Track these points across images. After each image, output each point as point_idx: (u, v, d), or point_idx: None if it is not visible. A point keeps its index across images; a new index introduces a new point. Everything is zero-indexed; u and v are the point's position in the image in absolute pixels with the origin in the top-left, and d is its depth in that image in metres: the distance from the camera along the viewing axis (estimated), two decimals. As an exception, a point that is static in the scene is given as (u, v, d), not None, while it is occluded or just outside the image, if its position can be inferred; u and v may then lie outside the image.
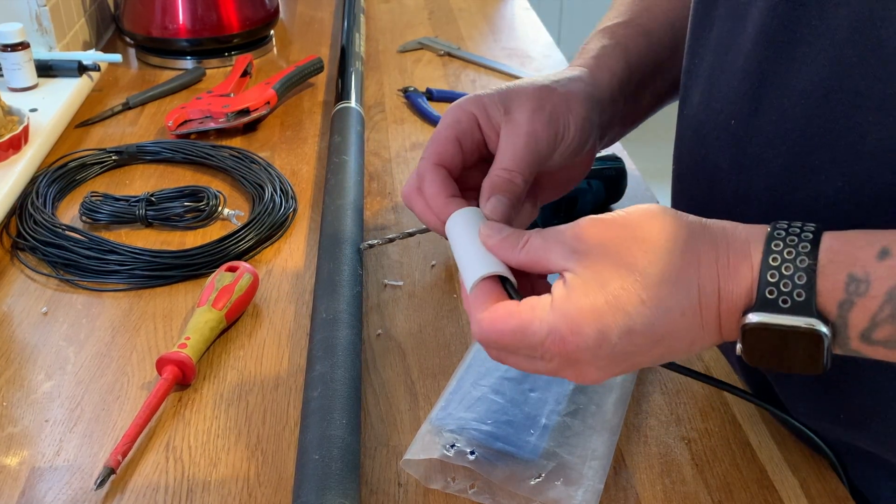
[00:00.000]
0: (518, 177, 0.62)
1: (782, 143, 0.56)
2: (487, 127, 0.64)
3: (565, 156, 0.65)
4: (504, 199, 0.61)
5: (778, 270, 0.48)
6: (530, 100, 0.64)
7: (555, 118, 0.63)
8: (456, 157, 0.65)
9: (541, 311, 0.51)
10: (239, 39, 1.39)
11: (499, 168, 0.62)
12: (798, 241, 0.48)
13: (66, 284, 0.86)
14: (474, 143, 0.65)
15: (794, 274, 0.47)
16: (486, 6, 1.69)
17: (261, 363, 0.76)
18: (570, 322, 0.50)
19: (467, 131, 0.64)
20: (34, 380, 0.74)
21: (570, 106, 0.65)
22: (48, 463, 0.66)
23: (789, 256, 0.47)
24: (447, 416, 0.65)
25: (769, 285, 0.48)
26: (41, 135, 1.07)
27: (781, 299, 0.47)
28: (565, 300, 0.50)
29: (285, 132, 1.17)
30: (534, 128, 0.63)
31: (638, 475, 0.65)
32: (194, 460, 0.66)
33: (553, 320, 0.50)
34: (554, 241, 0.53)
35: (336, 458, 0.61)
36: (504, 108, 0.64)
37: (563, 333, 0.50)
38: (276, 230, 0.94)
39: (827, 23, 0.52)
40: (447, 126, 0.65)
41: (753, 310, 0.48)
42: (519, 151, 0.62)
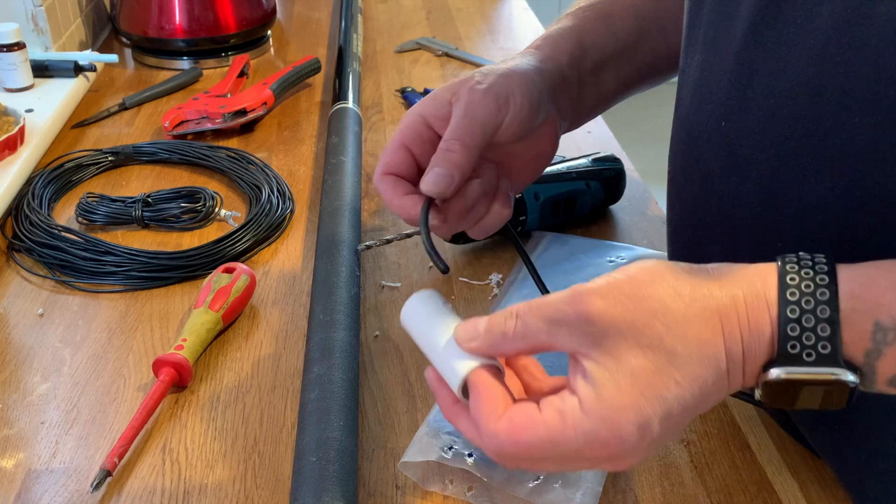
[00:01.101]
0: (455, 144, 0.64)
1: (771, 144, 0.55)
2: (438, 120, 0.67)
3: (515, 126, 0.67)
4: (439, 170, 0.63)
5: (798, 323, 0.46)
6: (470, 80, 0.67)
7: (494, 90, 0.66)
8: (405, 162, 0.68)
9: (572, 417, 0.47)
10: (236, 40, 1.39)
11: (441, 142, 0.65)
12: (814, 286, 0.46)
13: (62, 286, 0.85)
14: (425, 143, 0.68)
15: (817, 325, 0.45)
16: (484, 6, 1.69)
17: (258, 365, 0.75)
18: (610, 425, 0.46)
19: (416, 135, 0.68)
20: (30, 382, 0.73)
21: (510, 78, 0.67)
22: (44, 465, 0.65)
23: (808, 306, 0.45)
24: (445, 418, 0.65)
25: (790, 339, 0.46)
26: (37, 135, 1.06)
27: (805, 353, 0.45)
28: (598, 401, 0.46)
29: (282, 133, 1.16)
30: (471, 98, 0.65)
31: (636, 477, 0.65)
32: (191, 462, 0.66)
33: (590, 427, 0.46)
34: (557, 324, 0.49)
35: (333, 460, 0.60)
36: (452, 93, 0.67)
37: (604, 439, 0.47)
38: (274, 231, 0.93)
39: (812, 20, 0.51)
40: (396, 135, 0.68)
41: (776, 364, 0.46)
42: (456, 121, 0.65)
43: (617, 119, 0.76)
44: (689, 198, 0.65)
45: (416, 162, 0.68)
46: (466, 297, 0.84)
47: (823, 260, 0.47)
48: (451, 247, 0.91)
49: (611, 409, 0.46)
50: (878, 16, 0.48)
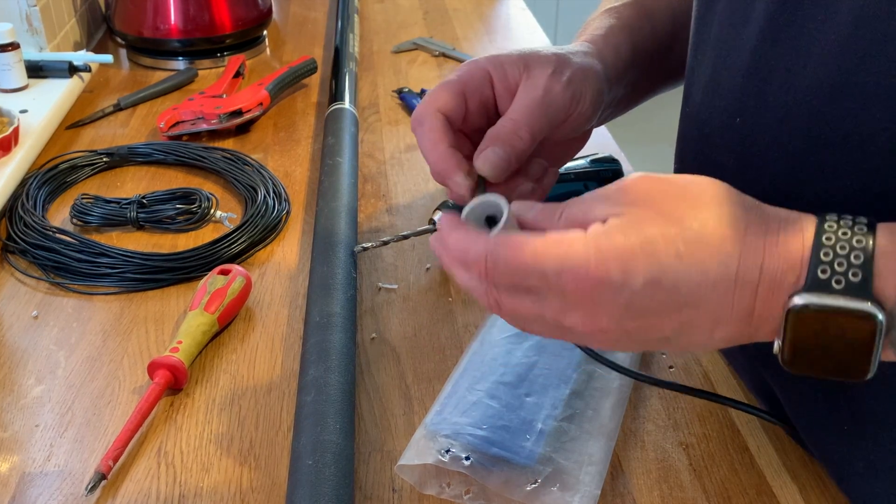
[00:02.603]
0: (525, 130, 0.60)
1: (788, 141, 0.55)
2: (502, 86, 0.62)
3: (575, 126, 0.64)
4: (500, 152, 0.59)
5: (832, 249, 0.45)
6: (551, 62, 0.62)
7: (573, 84, 0.62)
8: (458, 109, 0.62)
9: (568, 241, 0.48)
10: (231, 40, 1.38)
11: (507, 117, 0.60)
12: (853, 223, 0.45)
13: (56, 288, 0.85)
14: (482, 101, 0.63)
15: (850, 253, 0.44)
16: (482, 6, 1.69)
17: (254, 367, 0.75)
18: (599, 254, 0.47)
19: (476, 88, 0.62)
20: (24, 384, 0.73)
21: (586, 76, 0.64)
22: (38, 468, 0.65)
23: (844, 236, 0.45)
24: (442, 420, 0.65)
25: (822, 264, 0.44)
26: (31, 136, 1.06)
27: (835, 279, 0.44)
28: (599, 234, 0.47)
29: (278, 134, 1.16)
30: (552, 86, 0.61)
31: (635, 481, 0.64)
32: (186, 466, 0.65)
33: (580, 251, 0.47)
34: (596, 199, 0.50)
35: (330, 463, 0.60)
36: (524, 65, 0.62)
37: (588, 264, 0.47)
38: (269, 233, 0.93)
39: (832, 17, 0.51)
40: (455, 78, 0.62)
41: (802, 291, 0.45)
42: (533, 105, 0.60)
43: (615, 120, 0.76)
44: None
45: (466, 115, 0.63)
46: (464, 298, 0.83)
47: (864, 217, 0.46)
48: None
49: (607, 242, 0.47)
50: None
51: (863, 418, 0.59)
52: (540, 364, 0.70)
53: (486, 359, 0.71)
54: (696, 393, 0.67)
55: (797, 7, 0.53)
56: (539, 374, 0.69)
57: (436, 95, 0.62)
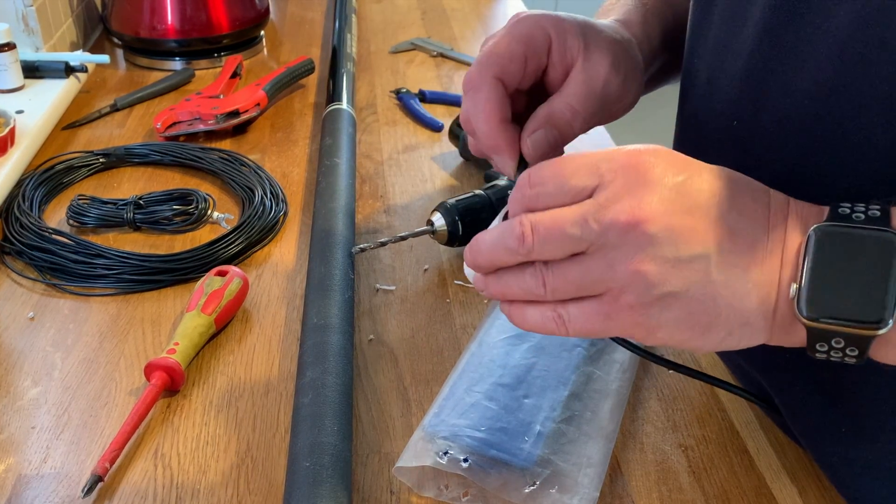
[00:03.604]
0: (580, 120, 0.58)
1: (786, 144, 0.55)
2: (558, 55, 0.59)
3: (614, 117, 0.63)
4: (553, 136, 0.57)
5: (851, 200, 0.47)
6: (610, 50, 0.60)
7: (628, 79, 0.61)
8: (518, 75, 0.59)
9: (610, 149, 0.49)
10: (228, 40, 1.38)
11: (565, 102, 0.58)
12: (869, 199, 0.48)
13: (52, 289, 0.85)
14: (537, 66, 0.60)
15: (869, 203, 0.47)
16: (480, 6, 1.68)
17: (251, 369, 0.75)
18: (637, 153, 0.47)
19: (536, 52, 0.59)
20: (20, 386, 0.73)
21: (637, 71, 0.63)
22: (35, 470, 0.65)
23: (862, 200, 0.47)
24: (440, 422, 0.65)
25: (842, 205, 0.47)
26: (27, 137, 1.06)
27: (855, 214, 0.46)
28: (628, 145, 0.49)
29: (276, 134, 1.16)
30: (611, 80, 0.59)
31: (634, 483, 0.64)
32: (183, 467, 0.65)
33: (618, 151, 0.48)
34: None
35: (327, 465, 0.60)
36: (584, 42, 0.59)
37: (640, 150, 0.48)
38: (267, 234, 0.93)
39: (829, 21, 0.51)
40: (518, 39, 0.59)
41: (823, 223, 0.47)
42: (593, 96, 0.59)
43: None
44: None
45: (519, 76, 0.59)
46: (461, 300, 0.83)
47: None
48: (445, 249, 0.90)
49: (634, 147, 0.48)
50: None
51: (861, 420, 0.59)
52: (538, 366, 0.70)
53: (485, 360, 0.71)
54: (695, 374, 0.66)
55: (794, 11, 0.53)
56: (537, 375, 0.69)
57: (496, 58, 0.58)
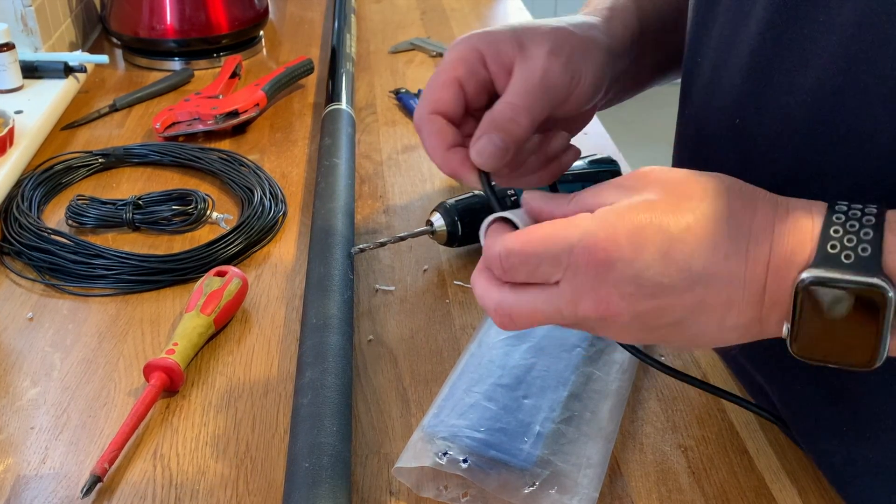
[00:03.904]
0: (523, 115, 0.57)
1: (789, 142, 0.55)
2: (496, 65, 0.59)
3: (576, 105, 0.61)
4: (496, 140, 0.56)
5: (842, 226, 0.45)
6: (548, 39, 0.59)
7: (572, 61, 0.59)
8: (455, 102, 0.59)
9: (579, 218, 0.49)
10: (228, 40, 1.38)
11: (504, 101, 0.57)
12: (864, 206, 0.46)
13: (51, 289, 0.84)
14: (479, 84, 0.60)
15: (860, 230, 0.45)
16: (480, 6, 1.68)
17: (250, 369, 0.75)
18: (608, 228, 0.47)
19: (471, 71, 0.59)
20: (19, 386, 0.73)
21: (588, 51, 0.61)
22: (34, 471, 0.65)
23: (854, 216, 0.45)
24: (439, 423, 0.65)
25: (831, 240, 0.45)
26: (26, 137, 1.05)
27: (844, 254, 0.44)
28: (609, 210, 0.48)
29: (275, 134, 1.16)
30: (551, 66, 0.58)
31: (633, 483, 0.64)
32: (182, 468, 0.65)
33: (589, 225, 0.48)
34: (609, 186, 0.51)
35: (326, 466, 0.60)
36: (518, 43, 0.59)
37: (597, 238, 0.47)
38: (266, 234, 0.93)
39: (833, 18, 0.51)
40: (448, 67, 0.59)
41: (811, 266, 0.45)
42: (532, 87, 0.58)
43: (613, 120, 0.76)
44: None
45: (465, 101, 0.60)
46: (461, 300, 0.83)
47: (874, 204, 0.47)
48: (444, 250, 0.90)
49: (615, 216, 0.48)
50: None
51: (862, 419, 0.58)
52: (538, 366, 0.70)
53: (484, 361, 0.71)
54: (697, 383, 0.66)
55: (797, 8, 0.53)
56: (537, 376, 0.69)
57: (430, 96, 0.60)
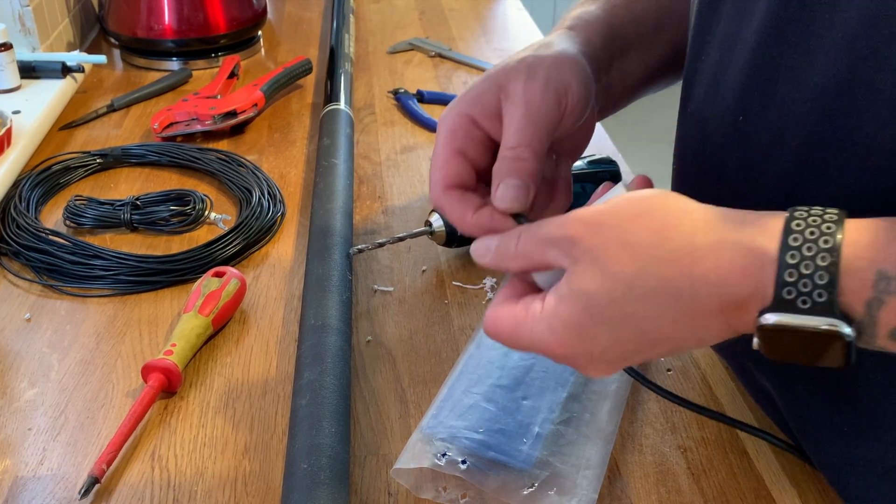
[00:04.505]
0: (525, 151, 0.59)
1: (793, 139, 0.55)
2: (487, 120, 0.61)
3: (574, 117, 0.62)
4: (513, 182, 0.58)
5: (796, 269, 0.45)
6: (520, 72, 0.61)
7: (551, 83, 0.60)
8: (463, 170, 0.61)
9: (531, 318, 0.52)
10: (226, 40, 1.38)
11: (504, 149, 0.59)
12: (819, 233, 0.45)
13: (49, 290, 0.84)
14: (479, 145, 0.61)
15: (815, 273, 0.44)
16: (478, 6, 1.68)
17: (248, 370, 0.75)
18: (556, 336, 0.51)
19: (466, 137, 0.61)
20: (17, 387, 0.72)
21: (563, 66, 0.62)
22: (31, 472, 0.65)
23: (809, 253, 0.45)
24: (438, 424, 0.64)
25: (787, 285, 0.45)
26: (24, 137, 1.05)
27: (801, 300, 0.45)
28: (551, 313, 0.51)
29: (273, 135, 1.16)
30: (531, 97, 0.59)
31: (633, 484, 0.64)
32: (180, 469, 0.65)
33: (540, 332, 0.51)
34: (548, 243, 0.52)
35: (325, 467, 0.60)
36: (498, 88, 0.60)
37: (550, 346, 0.51)
38: (264, 235, 0.92)
39: (839, 15, 0.51)
40: (444, 142, 0.61)
41: (770, 310, 0.45)
42: (520, 125, 0.59)
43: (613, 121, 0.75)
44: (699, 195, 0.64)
45: (473, 167, 0.62)
46: (460, 301, 0.83)
47: (835, 211, 0.46)
48: (443, 250, 0.90)
49: (559, 322, 0.50)
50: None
51: (864, 418, 0.58)
52: (537, 367, 0.70)
53: (483, 362, 0.71)
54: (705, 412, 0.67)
55: (803, 5, 0.53)
56: (536, 377, 0.69)
57: (437, 174, 0.61)
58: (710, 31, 0.62)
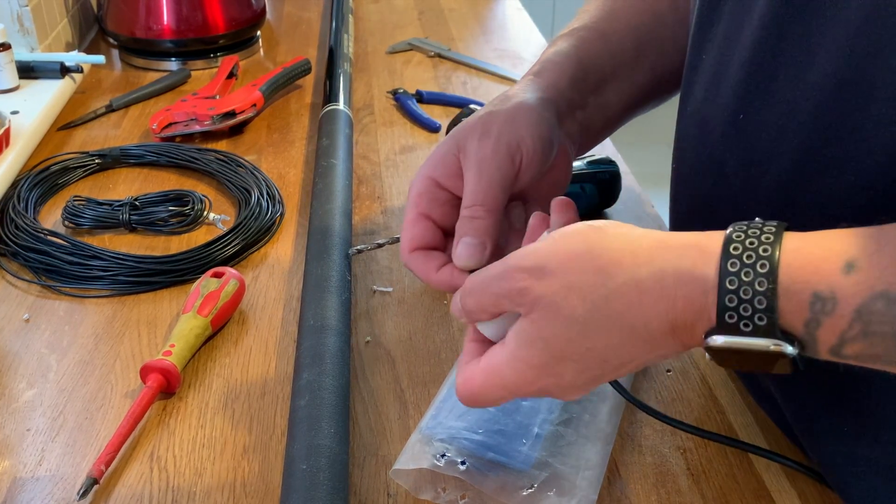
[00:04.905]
0: (479, 210, 0.62)
1: (793, 137, 0.55)
2: (449, 180, 0.65)
3: (533, 169, 0.64)
4: (469, 241, 0.61)
5: (736, 294, 0.46)
6: (475, 130, 0.64)
7: (503, 138, 0.63)
8: (429, 232, 0.65)
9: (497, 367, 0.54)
10: (225, 40, 1.38)
11: (462, 208, 0.63)
12: (756, 257, 0.46)
13: (48, 291, 0.84)
14: (444, 205, 0.65)
15: (754, 298, 0.45)
16: (478, 6, 1.68)
17: (247, 371, 0.74)
18: (523, 377, 0.53)
19: (431, 200, 0.65)
20: (15, 388, 0.72)
21: (516, 121, 0.64)
22: (30, 473, 0.65)
23: (747, 278, 0.46)
24: (437, 425, 0.64)
25: (728, 310, 0.46)
26: (23, 137, 1.05)
27: (742, 323, 0.46)
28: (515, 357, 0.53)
29: (272, 135, 1.15)
30: (483, 155, 0.63)
31: (632, 485, 0.64)
32: (179, 470, 0.65)
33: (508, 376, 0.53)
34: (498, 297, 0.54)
35: (324, 468, 0.60)
36: (458, 148, 0.64)
37: (520, 387, 0.53)
38: (263, 235, 0.92)
39: (841, 13, 0.51)
40: (411, 206, 0.66)
41: (715, 332, 0.47)
42: (474, 184, 0.62)
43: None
44: (699, 194, 0.65)
45: (438, 227, 0.66)
46: (459, 301, 0.83)
47: (773, 227, 0.47)
48: (443, 250, 0.90)
49: (523, 364, 0.52)
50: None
51: (865, 419, 0.58)
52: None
53: (482, 362, 0.70)
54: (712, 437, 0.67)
55: (803, 4, 0.53)
56: (535, 377, 0.69)
57: (405, 237, 0.65)
58: (711, 31, 0.62)
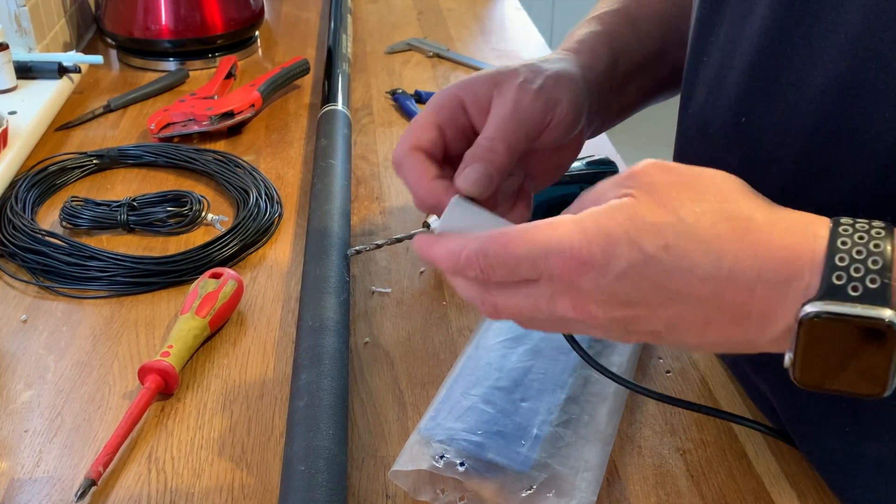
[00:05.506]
0: (499, 145, 0.60)
1: (795, 140, 0.54)
2: (475, 108, 0.62)
3: (558, 134, 0.63)
4: (479, 168, 0.59)
5: (848, 254, 0.43)
6: (518, 74, 0.62)
7: (544, 92, 0.62)
8: (435, 143, 0.62)
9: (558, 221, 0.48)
10: (223, 40, 1.38)
11: (481, 137, 0.60)
12: (870, 227, 0.44)
13: (45, 291, 0.84)
14: (458, 127, 0.63)
15: (868, 258, 0.42)
16: (476, 6, 1.68)
17: (245, 372, 0.74)
18: (583, 236, 0.47)
19: (451, 117, 0.62)
20: (13, 389, 0.72)
21: (560, 80, 0.63)
22: (27, 474, 0.64)
23: (861, 240, 0.43)
24: (436, 426, 0.64)
25: (837, 269, 0.42)
26: (20, 138, 1.05)
27: (851, 286, 0.42)
28: (586, 217, 0.48)
29: (270, 135, 1.15)
30: (521, 97, 0.61)
31: (631, 487, 0.64)
32: (177, 471, 0.65)
33: (566, 232, 0.47)
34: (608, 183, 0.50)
35: (322, 469, 0.60)
36: (494, 83, 0.62)
37: (572, 246, 0.47)
38: (261, 236, 0.92)
39: (843, 16, 0.51)
40: (428, 112, 0.63)
41: (815, 299, 0.43)
42: (503, 120, 0.60)
43: (612, 121, 0.75)
44: None
45: (445, 145, 0.63)
46: (458, 302, 0.83)
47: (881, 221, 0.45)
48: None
49: (594, 226, 0.47)
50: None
51: (865, 417, 0.58)
52: (535, 369, 0.70)
53: (481, 363, 0.70)
54: (695, 407, 0.66)
55: (806, 6, 0.53)
56: (534, 378, 0.69)
57: (410, 135, 0.62)
58: (712, 33, 0.62)
